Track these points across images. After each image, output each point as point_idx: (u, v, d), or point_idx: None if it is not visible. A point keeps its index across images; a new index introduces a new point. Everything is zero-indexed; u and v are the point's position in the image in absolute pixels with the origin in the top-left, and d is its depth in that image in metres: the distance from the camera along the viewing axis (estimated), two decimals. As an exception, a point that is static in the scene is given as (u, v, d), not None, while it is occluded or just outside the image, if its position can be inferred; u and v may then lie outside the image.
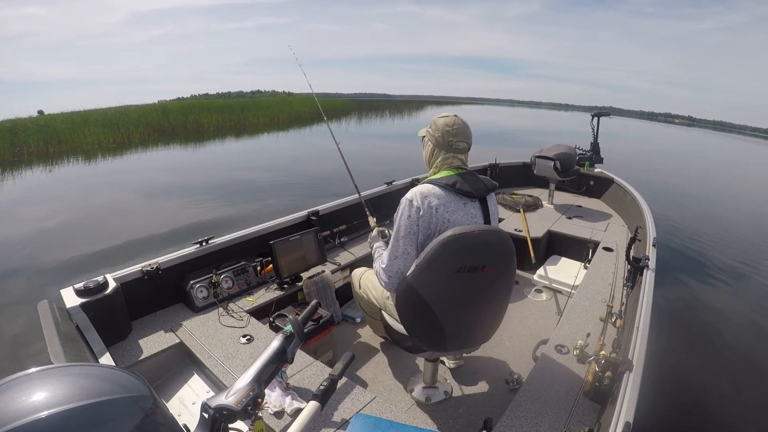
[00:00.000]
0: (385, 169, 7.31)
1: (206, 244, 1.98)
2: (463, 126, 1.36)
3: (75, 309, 1.47)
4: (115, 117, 14.67)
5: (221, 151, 12.46)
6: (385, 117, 27.75)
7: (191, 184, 7.40)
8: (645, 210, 2.91)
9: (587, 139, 4.43)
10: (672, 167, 13.45)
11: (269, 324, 1.76)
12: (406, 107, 42.42)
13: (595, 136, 4.43)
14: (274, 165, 9.33)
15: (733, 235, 5.82)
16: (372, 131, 19.20)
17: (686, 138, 36.70)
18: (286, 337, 0.82)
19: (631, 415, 1.03)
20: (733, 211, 7.57)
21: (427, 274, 1.22)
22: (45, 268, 3.90)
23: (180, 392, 1.51)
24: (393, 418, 1.24)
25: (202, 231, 2.19)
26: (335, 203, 2.68)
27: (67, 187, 7.48)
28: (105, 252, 4.22)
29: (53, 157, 10.43)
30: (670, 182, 9.84)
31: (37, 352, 2.60)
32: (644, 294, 1.66)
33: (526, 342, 2.05)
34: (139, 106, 18.70)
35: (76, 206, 6.01)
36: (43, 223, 5.08)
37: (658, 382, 2.17)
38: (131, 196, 6.60)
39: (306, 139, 16.05)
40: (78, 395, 0.44)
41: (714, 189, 9.97)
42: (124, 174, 8.60)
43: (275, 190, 6.99)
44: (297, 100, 27.33)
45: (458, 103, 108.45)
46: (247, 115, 19.58)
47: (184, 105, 19.45)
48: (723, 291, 3.98)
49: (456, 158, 1.35)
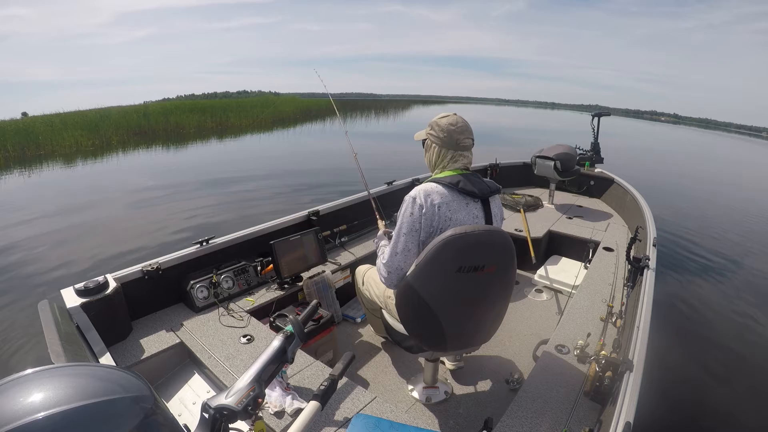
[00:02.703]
0: (376, 169, 7.25)
1: (206, 244, 1.98)
2: (465, 123, 1.38)
3: (75, 309, 1.47)
4: (95, 119, 14.35)
5: (204, 153, 12.11)
6: (370, 117, 27.49)
7: (173, 186, 7.21)
8: (645, 210, 2.91)
9: (576, 136, 4.43)
10: (664, 164, 13.44)
11: (269, 324, 1.76)
12: (392, 107, 42.07)
13: (596, 136, 4.43)
14: (257, 169, 8.98)
15: (733, 234, 5.81)
16: (358, 131, 19.02)
17: (673, 135, 36.88)
18: (287, 337, 0.82)
19: (631, 415, 1.03)
20: (733, 210, 7.56)
21: (428, 274, 1.22)
22: (40, 271, 3.89)
23: (180, 392, 1.51)
24: (393, 418, 1.24)
25: (202, 231, 2.19)
26: (336, 203, 2.68)
27: (47, 191, 7.27)
28: (101, 255, 4.21)
29: (30, 161, 10.14)
30: (666, 180, 9.85)
31: (37, 352, 2.60)
32: (644, 294, 1.66)
33: (526, 342, 2.05)
34: (120, 108, 18.29)
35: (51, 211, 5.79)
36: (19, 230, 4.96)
37: (659, 382, 2.17)
38: (114, 200, 6.46)
39: (294, 140, 15.74)
40: (77, 395, 0.44)
41: (712, 187, 9.96)
42: (103, 177, 8.35)
43: (263, 192, 6.87)
44: (282, 101, 26.98)
45: (444, 102, 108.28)
46: (229, 116, 19.14)
47: (165, 106, 18.96)
48: (723, 291, 3.98)
49: (463, 156, 1.37)
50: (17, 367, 0.45)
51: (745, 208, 7.88)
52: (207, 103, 21.49)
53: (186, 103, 21.80)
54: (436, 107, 48.74)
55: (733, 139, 44.72)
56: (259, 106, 22.32)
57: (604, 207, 3.73)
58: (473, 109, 53.34)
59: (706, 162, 16.91)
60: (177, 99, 44.67)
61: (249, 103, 22.87)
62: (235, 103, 22.16)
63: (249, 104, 22.50)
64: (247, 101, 24.61)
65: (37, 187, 7.68)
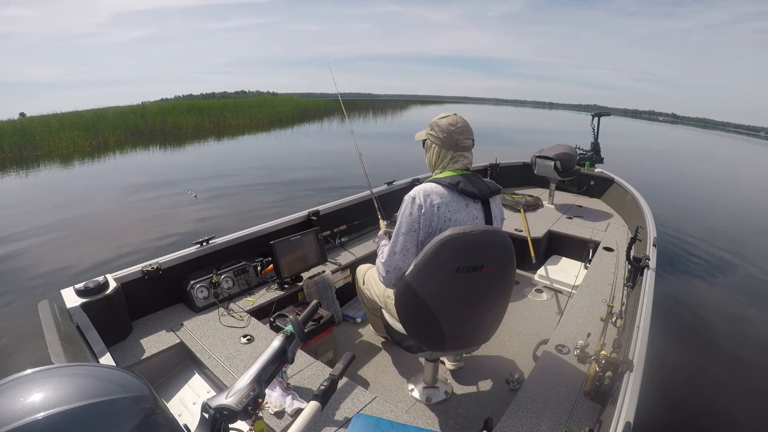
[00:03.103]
0: (376, 169, 7.24)
1: (207, 244, 1.98)
2: (465, 124, 1.37)
3: (75, 309, 1.47)
4: (92, 120, 14.24)
5: (202, 153, 12.03)
6: (368, 117, 27.39)
7: (173, 186, 7.13)
8: (645, 210, 2.91)
9: (574, 136, 4.43)
10: (663, 164, 13.42)
11: (270, 324, 1.76)
12: (390, 107, 41.94)
13: (596, 136, 4.43)
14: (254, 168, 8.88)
15: (733, 234, 5.81)
16: (357, 131, 18.93)
17: (671, 135, 36.83)
18: (287, 337, 0.82)
19: (631, 415, 1.03)
20: (733, 210, 7.57)
21: (426, 274, 1.22)
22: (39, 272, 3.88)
23: (180, 392, 1.51)
24: (393, 418, 1.24)
25: (202, 232, 2.18)
26: (336, 203, 2.68)
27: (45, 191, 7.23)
28: (101, 255, 4.21)
29: (27, 161, 10.08)
30: (666, 180, 9.84)
31: (37, 352, 2.60)
32: (645, 294, 1.66)
33: (526, 342, 2.05)
34: (118, 108, 18.17)
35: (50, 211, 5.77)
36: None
37: (659, 382, 2.17)
38: (114, 200, 6.43)
39: (293, 140, 15.69)
40: (77, 395, 0.44)
41: (711, 187, 9.96)
42: (102, 177, 8.30)
43: (262, 192, 6.85)
44: (279, 101, 26.85)
45: (443, 102, 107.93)
46: (226, 117, 19.05)
47: (163, 107, 18.84)
48: (724, 290, 3.98)
49: (463, 156, 1.36)
50: (17, 367, 0.46)
51: (745, 208, 7.88)
52: (204, 104, 21.35)
53: (183, 103, 21.67)
54: (435, 107, 48.68)
55: (731, 139, 44.77)
56: (256, 107, 22.21)
57: (604, 207, 3.73)
58: (471, 109, 53.31)
59: (705, 162, 16.89)
60: (175, 99, 44.46)
61: (246, 104, 22.76)
62: (232, 104, 22.05)
63: (246, 104, 22.39)
64: (244, 101, 24.49)
65: (35, 187, 7.66)
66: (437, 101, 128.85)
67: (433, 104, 68.15)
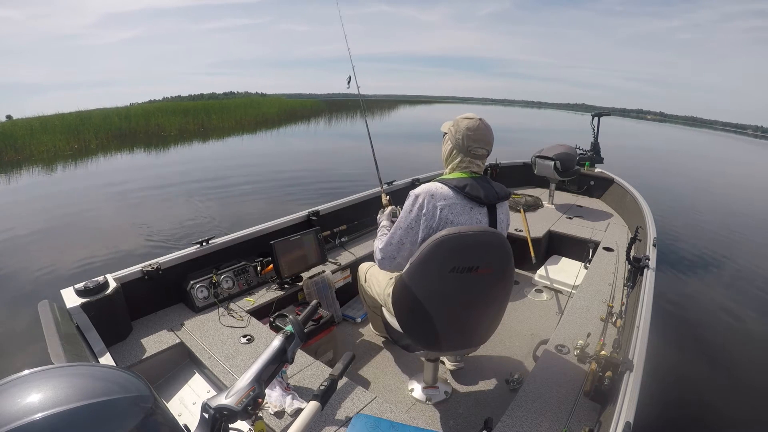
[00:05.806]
0: (375, 168, 7.19)
1: (206, 244, 1.98)
2: (485, 132, 1.33)
3: (75, 309, 1.47)
4: (75, 122, 14.03)
5: (187, 155, 11.85)
6: (356, 117, 27.19)
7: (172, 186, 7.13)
8: (645, 210, 2.91)
9: (563, 135, 4.42)
10: (658, 162, 13.40)
11: (269, 324, 1.76)
12: (377, 107, 41.61)
13: (596, 136, 4.43)
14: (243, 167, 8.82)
15: (733, 234, 5.81)
16: (342, 131, 18.53)
17: (660, 133, 36.80)
18: (287, 337, 0.82)
19: (631, 415, 1.03)
20: (733, 210, 7.56)
21: (421, 273, 1.22)
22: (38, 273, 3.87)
23: (180, 392, 1.51)
24: (393, 418, 1.24)
25: (201, 232, 2.18)
26: (336, 203, 2.68)
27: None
28: (101, 255, 4.21)
29: (8, 165, 9.91)
30: (666, 180, 9.84)
31: (37, 352, 2.60)
32: (644, 294, 1.66)
33: (526, 342, 2.05)
34: (102, 110, 17.96)
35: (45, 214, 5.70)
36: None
37: (659, 381, 2.17)
38: (114, 200, 6.40)
39: (282, 140, 15.59)
40: (77, 396, 0.44)
41: (711, 187, 9.94)
42: (88, 181, 8.19)
43: (261, 192, 6.82)
44: (266, 102, 26.57)
45: (431, 102, 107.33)
46: (211, 118, 18.81)
47: (147, 109, 18.64)
48: (724, 290, 3.98)
49: (473, 163, 1.33)
50: (17, 368, 0.45)
51: (746, 208, 7.88)
52: (189, 105, 21.07)
53: (168, 105, 21.39)
54: (423, 107, 48.48)
55: (719, 137, 44.87)
56: (242, 108, 21.87)
57: (604, 207, 3.73)
58: (461, 109, 53.11)
59: (699, 161, 16.75)
60: (163, 101, 44.05)
61: (232, 105, 22.48)
62: (218, 105, 21.81)
63: (232, 105, 22.10)
64: (230, 102, 24.23)
65: (21, 191, 7.60)
66: (426, 101, 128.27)
67: (421, 104, 67.98)
